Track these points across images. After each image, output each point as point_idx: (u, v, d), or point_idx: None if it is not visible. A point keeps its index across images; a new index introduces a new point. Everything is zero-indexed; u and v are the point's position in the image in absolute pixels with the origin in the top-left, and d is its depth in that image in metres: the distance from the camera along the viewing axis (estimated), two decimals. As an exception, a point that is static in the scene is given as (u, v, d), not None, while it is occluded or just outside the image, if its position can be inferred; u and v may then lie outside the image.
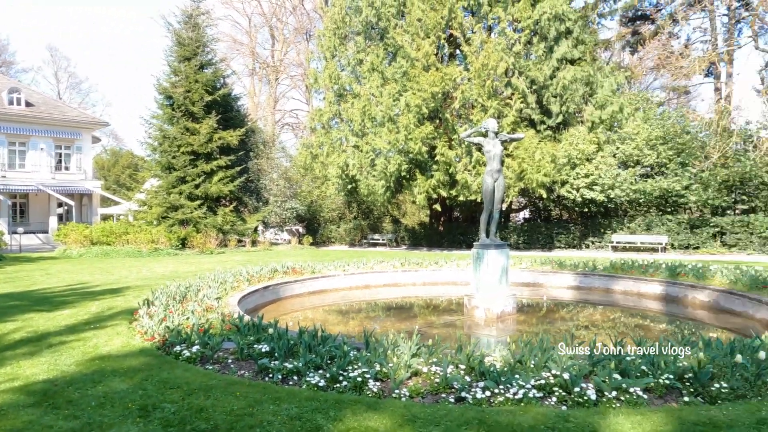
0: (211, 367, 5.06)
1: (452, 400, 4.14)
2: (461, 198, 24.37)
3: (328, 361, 4.91)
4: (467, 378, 4.44)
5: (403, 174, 24.79)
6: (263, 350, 5.23)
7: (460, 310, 9.91)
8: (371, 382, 4.40)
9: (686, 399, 4.11)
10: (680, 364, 4.55)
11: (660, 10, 34.37)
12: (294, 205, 35.31)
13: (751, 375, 4.37)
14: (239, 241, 29.99)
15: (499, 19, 24.29)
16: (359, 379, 4.42)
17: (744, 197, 23.59)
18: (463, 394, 4.18)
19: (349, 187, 27.65)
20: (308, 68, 34.20)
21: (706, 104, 48.73)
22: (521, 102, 23.61)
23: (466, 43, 24.48)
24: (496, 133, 9.62)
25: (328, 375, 4.55)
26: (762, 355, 4.54)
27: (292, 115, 55.55)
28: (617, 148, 24.72)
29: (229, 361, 5.22)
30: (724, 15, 33.83)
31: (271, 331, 5.68)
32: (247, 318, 6.61)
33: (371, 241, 33.86)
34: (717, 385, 4.23)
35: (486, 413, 3.82)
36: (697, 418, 3.71)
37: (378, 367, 4.65)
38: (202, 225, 27.92)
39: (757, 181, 22.53)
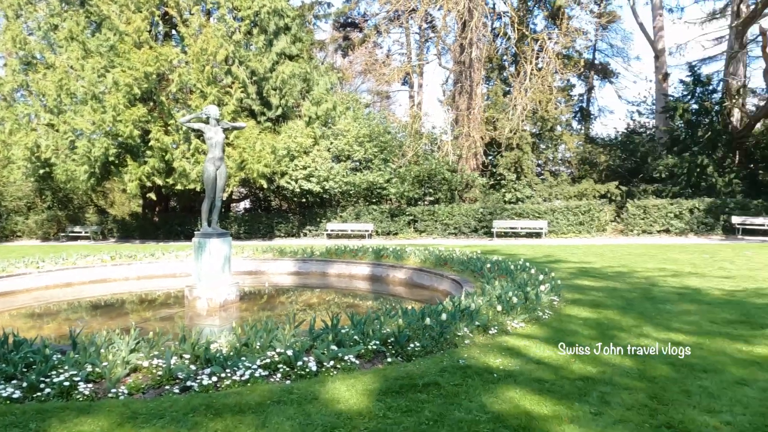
0: None
1: (177, 391, 4.02)
2: (179, 187, 23.19)
3: (24, 369, 4.24)
4: (192, 367, 4.35)
5: (111, 159, 22.39)
6: (-73, 367, 4.23)
7: (180, 303, 9.51)
8: (82, 385, 3.96)
9: (389, 360, 4.76)
10: (384, 331, 5.24)
11: (367, 20, 38.22)
12: (-38, 192, 28.68)
13: (436, 334, 5.29)
14: None
15: (218, 5, 23.74)
16: (66, 383, 3.93)
17: (431, 190, 27.95)
18: (189, 383, 4.10)
19: (42, 171, 23.83)
20: (-18, 26, 28.14)
21: (403, 109, 55.93)
22: (242, 92, 23.58)
23: (184, 24, 23.34)
24: (218, 120, 9.48)
25: (25, 384, 3.92)
26: (444, 317, 5.55)
27: (-42, 82, 44.88)
28: (331, 143, 26.67)
29: None
30: (416, 33, 39.34)
31: (-62, 343, 4.62)
32: None
33: (71, 235, 29.75)
34: (412, 345, 5.01)
35: (213, 398, 3.82)
36: (398, 374, 4.36)
37: (90, 368, 4.21)
38: None
39: (440, 176, 26.94)
